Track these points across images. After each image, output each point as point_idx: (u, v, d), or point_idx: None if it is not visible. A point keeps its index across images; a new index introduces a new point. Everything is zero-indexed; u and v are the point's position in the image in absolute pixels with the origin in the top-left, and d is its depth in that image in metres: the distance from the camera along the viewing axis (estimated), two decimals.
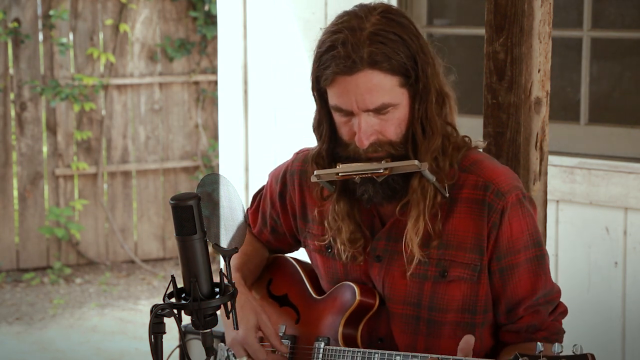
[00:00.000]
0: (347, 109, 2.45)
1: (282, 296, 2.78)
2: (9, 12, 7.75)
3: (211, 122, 8.30)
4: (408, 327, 2.57)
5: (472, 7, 4.64)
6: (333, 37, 2.44)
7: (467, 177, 2.52)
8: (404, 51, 2.44)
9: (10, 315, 7.13)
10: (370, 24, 2.43)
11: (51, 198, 8.00)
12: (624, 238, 4.00)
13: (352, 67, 2.41)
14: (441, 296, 2.53)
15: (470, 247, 2.51)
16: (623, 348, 4.03)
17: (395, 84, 2.44)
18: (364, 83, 2.41)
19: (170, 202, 2.12)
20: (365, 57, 2.40)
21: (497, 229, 2.49)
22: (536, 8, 2.85)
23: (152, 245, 8.29)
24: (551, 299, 2.58)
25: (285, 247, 2.86)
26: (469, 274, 2.51)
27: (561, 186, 4.10)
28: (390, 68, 2.42)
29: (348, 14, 2.48)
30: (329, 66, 2.43)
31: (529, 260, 2.53)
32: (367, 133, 2.44)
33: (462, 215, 2.51)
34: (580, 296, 4.07)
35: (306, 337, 2.68)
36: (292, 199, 2.73)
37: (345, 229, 2.57)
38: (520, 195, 2.51)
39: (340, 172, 2.49)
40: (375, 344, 2.61)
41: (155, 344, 2.15)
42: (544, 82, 2.90)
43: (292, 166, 2.74)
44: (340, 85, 2.44)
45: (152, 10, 8.12)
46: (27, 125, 7.89)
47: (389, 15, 2.47)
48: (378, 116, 2.44)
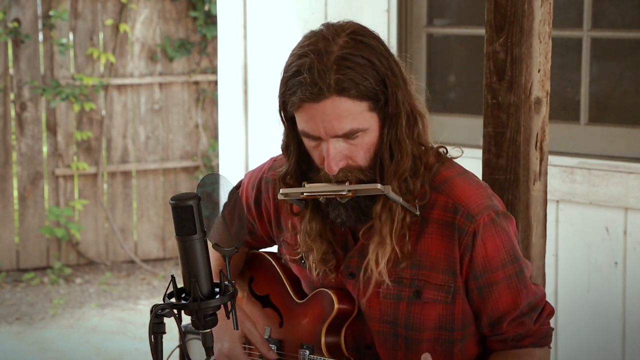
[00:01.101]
0: (315, 135, 2.40)
1: (265, 296, 2.77)
2: (9, 12, 7.75)
3: (211, 122, 8.30)
4: (387, 343, 2.56)
5: (472, 7, 4.64)
6: (299, 62, 2.39)
7: (437, 197, 2.48)
8: (373, 75, 2.37)
9: (10, 315, 7.13)
10: (337, 47, 2.36)
11: (51, 198, 8.00)
12: (624, 238, 4.00)
13: (319, 94, 2.34)
14: (417, 316, 2.51)
15: (443, 268, 2.47)
16: (623, 348, 4.03)
17: (364, 109, 2.38)
18: (332, 110, 2.35)
19: (170, 202, 2.12)
20: (332, 84, 2.34)
21: (471, 250, 2.45)
22: (536, 8, 2.85)
23: (152, 245, 8.29)
24: (535, 305, 2.55)
25: (263, 245, 2.85)
26: (443, 296, 2.49)
27: (561, 186, 4.10)
28: (358, 94, 2.35)
29: (315, 35, 2.42)
30: (295, 92, 2.37)
31: (507, 277, 2.49)
32: (336, 159, 2.40)
33: (434, 236, 2.48)
34: (580, 296, 4.07)
35: (290, 341, 2.67)
36: (267, 206, 2.71)
37: (316, 249, 2.54)
38: (492, 215, 2.46)
39: (305, 192, 2.46)
40: (364, 351, 2.60)
41: (155, 344, 2.15)
42: (544, 82, 2.90)
43: (267, 174, 2.71)
44: (308, 111, 2.38)
45: (152, 10, 8.12)
46: (27, 125, 7.89)
47: (358, 37, 2.40)
48: (347, 141, 2.39)
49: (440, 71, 4.67)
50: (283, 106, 2.44)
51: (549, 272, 3.95)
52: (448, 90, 4.71)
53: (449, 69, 4.72)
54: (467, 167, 2.61)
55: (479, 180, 2.58)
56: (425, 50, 4.58)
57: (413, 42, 4.57)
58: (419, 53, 4.57)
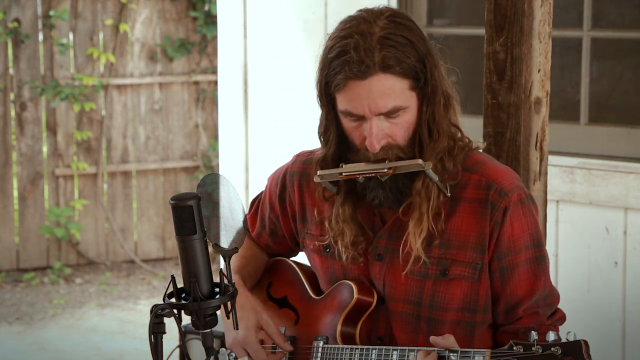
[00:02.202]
0: (359, 114, 2.46)
1: (282, 298, 2.78)
2: (9, 12, 7.75)
3: (211, 122, 8.30)
4: (408, 325, 2.57)
5: (472, 7, 4.64)
6: (343, 42, 2.45)
7: (470, 177, 2.54)
8: (414, 54, 2.45)
9: (10, 315, 7.13)
10: (379, 28, 2.44)
11: (51, 198, 8.00)
12: (624, 238, 4.01)
13: (366, 71, 2.41)
14: (442, 295, 2.54)
15: (472, 245, 2.51)
16: (623, 348, 4.03)
17: (406, 87, 2.45)
18: (377, 87, 2.42)
19: (170, 202, 2.13)
20: (378, 61, 2.41)
21: (500, 227, 2.50)
22: (536, 8, 2.85)
23: (152, 245, 8.29)
24: (550, 303, 2.58)
25: (284, 251, 2.85)
26: (470, 273, 2.52)
27: (561, 186, 4.10)
28: (402, 71, 2.43)
29: (355, 19, 2.49)
30: (340, 71, 2.43)
31: (528, 260, 2.53)
32: (379, 137, 2.45)
33: (465, 214, 2.52)
34: (580, 296, 4.07)
35: (305, 337, 2.68)
36: (291, 200, 2.73)
37: (348, 232, 2.58)
38: (522, 195, 2.53)
39: (344, 172, 2.51)
40: (375, 343, 2.61)
41: (155, 344, 2.15)
42: (544, 82, 2.90)
43: (292, 168, 2.74)
44: (353, 90, 2.44)
45: (152, 10, 8.12)
46: (27, 125, 7.89)
47: (397, 19, 2.48)
48: (389, 120, 2.45)
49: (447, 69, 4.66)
50: (325, 88, 2.49)
51: None
52: None
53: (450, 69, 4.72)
54: None
55: (506, 166, 2.65)
56: None
57: None
58: None
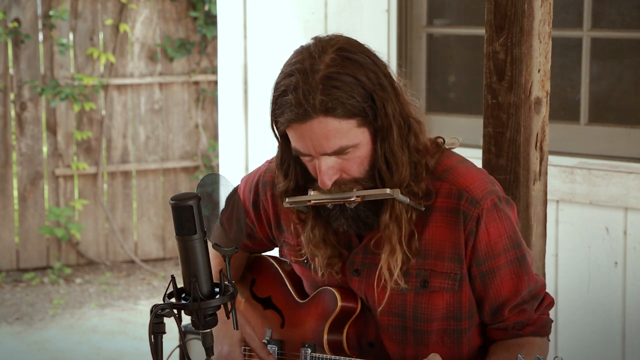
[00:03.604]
0: (306, 153, 2.41)
1: (266, 298, 2.77)
2: (9, 12, 7.75)
3: (211, 122, 8.30)
4: (396, 336, 2.56)
5: (472, 7, 4.64)
6: (286, 82, 2.39)
7: (440, 185, 2.49)
8: (360, 92, 2.36)
9: (10, 315, 7.13)
10: (324, 65, 2.36)
11: (51, 198, 8.00)
12: (624, 238, 4.00)
13: (305, 114, 2.35)
14: (425, 306, 2.52)
15: (449, 256, 2.49)
16: (623, 348, 4.03)
17: (353, 126, 2.38)
18: (319, 130, 2.36)
19: (170, 202, 2.12)
20: (317, 105, 2.34)
21: (474, 236, 2.47)
22: (536, 8, 2.85)
23: (152, 245, 8.29)
24: (536, 294, 2.56)
25: (263, 249, 2.85)
26: (450, 284, 2.50)
27: (561, 186, 4.10)
28: (345, 113, 2.36)
29: (302, 52, 2.41)
30: (284, 112, 2.38)
31: (509, 262, 2.51)
32: (329, 174, 2.41)
33: (438, 224, 2.49)
34: (580, 296, 4.07)
35: (292, 341, 2.67)
36: (265, 209, 2.71)
37: (321, 255, 2.55)
38: (495, 200, 2.48)
39: (312, 199, 2.47)
40: (366, 348, 2.60)
41: (155, 344, 2.15)
42: (544, 82, 2.90)
43: (264, 176, 2.71)
44: (296, 131, 2.39)
45: (152, 10, 8.12)
46: (27, 125, 7.89)
47: (344, 53, 2.39)
48: (339, 156, 2.41)
49: (440, 71, 4.67)
50: (274, 124, 2.45)
51: (549, 272, 3.95)
52: (448, 90, 4.71)
53: (449, 69, 4.72)
54: None
55: (479, 167, 2.59)
56: (425, 50, 4.57)
57: (413, 42, 4.57)
58: (419, 53, 4.57)
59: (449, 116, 4.45)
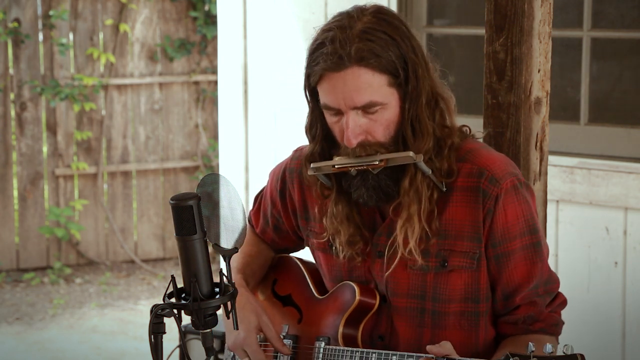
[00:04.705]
0: (335, 107, 2.44)
1: (286, 296, 2.78)
2: (9, 12, 7.75)
3: (211, 122, 8.30)
4: (413, 320, 2.57)
5: (472, 7, 4.64)
6: (324, 35, 2.45)
7: (462, 166, 2.51)
8: (394, 50, 2.43)
9: (10, 315, 7.13)
10: (361, 23, 2.43)
11: (51, 198, 8.00)
12: (624, 238, 4.01)
13: (339, 63, 2.40)
14: (444, 286, 2.53)
15: (468, 235, 2.50)
16: (623, 348, 4.03)
17: (384, 83, 2.43)
18: (352, 80, 2.41)
19: (170, 202, 2.13)
20: (352, 53, 2.40)
21: (492, 215, 2.48)
22: (536, 8, 2.85)
23: (152, 245, 8.29)
24: (550, 289, 2.57)
25: (290, 245, 2.85)
26: (468, 263, 2.51)
27: (561, 186, 4.10)
28: (379, 66, 2.41)
29: (341, 14, 2.48)
30: (318, 63, 2.43)
31: (524, 247, 2.51)
32: (355, 132, 2.44)
33: (458, 204, 2.50)
34: (580, 296, 4.07)
35: (308, 336, 2.68)
36: (292, 197, 2.73)
37: (343, 232, 2.57)
38: (515, 182, 2.50)
39: (336, 164, 2.49)
40: (376, 341, 2.61)
41: (155, 344, 2.15)
42: (544, 82, 2.90)
43: (290, 164, 2.74)
44: (329, 82, 2.43)
45: (152, 10, 8.12)
46: (27, 125, 7.89)
47: (381, 15, 2.47)
48: (366, 115, 2.43)
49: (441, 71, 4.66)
50: (307, 80, 2.49)
51: None
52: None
53: (449, 69, 4.71)
54: None
55: (501, 153, 2.63)
56: (425, 50, 4.57)
57: None
58: None
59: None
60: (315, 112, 2.53)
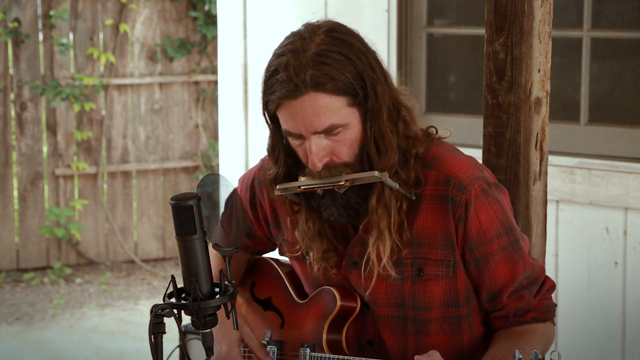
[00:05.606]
0: (297, 133, 2.42)
1: (266, 300, 2.77)
2: (9, 12, 7.75)
3: (211, 122, 8.30)
4: (396, 327, 2.57)
5: (472, 7, 4.64)
6: (277, 61, 2.42)
7: (428, 173, 2.49)
8: (350, 70, 2.38)
9: (10, 315, 7.13)
10: (314, 45, 2.38)
11: (51, 198, 8.00)
12: (624, 238, 4.00)
13: (295, 91, 2.37)
14: (422, 295, 2.53)
15: (441, 243, 2.49)
16: (623, 348, 4.03)
17: (343, 104, 2.39)
18: (310, 106, 2.37)
19: (170, 202, 2.13)
20: (307, 80, 2.36)
21: (464, 222, 2.47)
22: (536, 8, 2.85)
23: (152, 245, 8.29)
24: (534, 279, 2.56)
25: (264, 249, 2.85)
26: (444, 271, 2.50)
27: (561, 186, 4.10)
28: (335, 89, 2.37)
29: (294, 36, 2.44)
30: (274, 91, 2.41)
31: (503, 248, 2.51)
32: (319, 155, 2.41)
33: (428, 212, 2.49)
34: (580, 296, 4.07)
35: (291, 342, 2.67)
36: (262, 206, 2.71)
37: (316, 248, 2.55)
38: (483, 185, 2.49)
39: (302, 185, 2.47)
40: (365, 347, 2.60)
41: (155, 344, 2.15)
42: (544, 82, 2.90)
43: (258, 174, 2.71)
44: (287, 110, 2.40)
45: (152, 10, 8.12)
46: (27, 125, 7.89)
47: (335, 34, 2.42)
48: (329, 137, 2.41)
49: (440, 71, 4.67)
50: (265, 107, 2.48)
51: (549, 272, 3.93)
52: (448, 90, 4.71)
53: (449, 69, 4.72)
54: None
55: (468, 155, 2.60)
56: (425, 50, 4.57)
57: (413, 42, 4.57)
58: (419, 53, 4.57)
59: (449, 116, 4.45)
60: (276, 135, 2.51)
